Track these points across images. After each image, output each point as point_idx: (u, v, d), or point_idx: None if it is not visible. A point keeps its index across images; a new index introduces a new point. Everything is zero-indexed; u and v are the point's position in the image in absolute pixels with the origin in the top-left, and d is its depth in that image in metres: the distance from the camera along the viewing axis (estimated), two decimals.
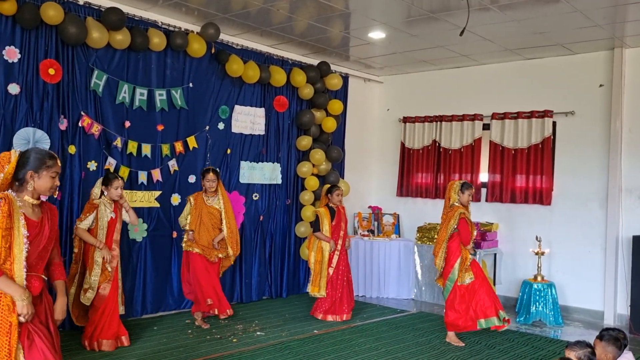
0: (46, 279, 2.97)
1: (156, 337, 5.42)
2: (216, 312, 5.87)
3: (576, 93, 7.17)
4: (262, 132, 7.30)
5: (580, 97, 7.14)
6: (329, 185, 6.67)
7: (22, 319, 2.70)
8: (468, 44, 6.92)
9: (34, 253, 2.82)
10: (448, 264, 5.58)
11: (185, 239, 5.89)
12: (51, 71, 5.28)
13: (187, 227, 5.87)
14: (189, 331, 5.68)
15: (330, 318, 6.36)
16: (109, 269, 4.95)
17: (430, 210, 8.21)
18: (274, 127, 7.45)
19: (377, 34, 6.74)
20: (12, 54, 5.10)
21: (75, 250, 5.04)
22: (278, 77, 7.17)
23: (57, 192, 3.91)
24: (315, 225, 6.44)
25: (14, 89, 5.11)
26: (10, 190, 2.78)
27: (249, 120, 7.13)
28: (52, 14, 5.11)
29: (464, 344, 5.51)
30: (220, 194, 5.93)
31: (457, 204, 5.57)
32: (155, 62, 6.15)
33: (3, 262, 2.69)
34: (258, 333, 5.74)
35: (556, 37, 6.55)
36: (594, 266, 6.92)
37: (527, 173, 7.40)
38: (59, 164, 2.93)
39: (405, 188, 8.58)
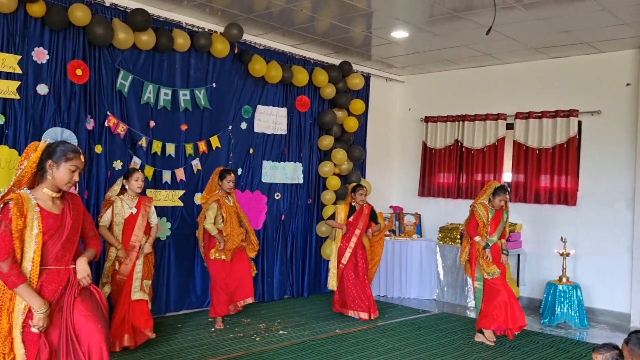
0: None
1: (180, 335, 5.48)
2: (241, 305, 5.86)
3: (602, 92, 7.06)
4: (284, 132, 7.32)
5: (607, 96, 7.03)
6: (354, 184, 6.70)
7: (35, 329, 2.72)
8: (492, 43, 6.86)
9: (56, 245, 2.82)
10: (472, 263, 5.62)
11: (216, 247, 5.69)
12: (78, 72, 5.36)
13: (216, 233, 5.69)
14: (212, 329, 5.73)
15: (351, 313, 6.39)
16: (116, 266, 4.96)
17: (452, 210, 8.16)
18: (296, 127, 7.47)
19: (399, 33, 6.72)
20: (41, 55, 5.20)
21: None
22: (300, 76, 7.19)
23: (75, 188, 3.94)
24: (330, 216, 6.59)
25: (42, 89, 5.20)
26: (25, 188, 2.80)
27: (271, 120, 7.16)
28: (80, 15, 5.19)
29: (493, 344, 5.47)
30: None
31: (484, 202, 5.63)
32: (179, 63, 6.21)
33: (20, 263, 2.72)
34: (280, 332, 5.76)
35: (582, 36, 6.46)
36: (621, 267, 6.81)
37: (551, 173, 7.31)
38: (82, 160, 2.89)
39: (427, 188, 8.54)
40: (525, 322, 5.50)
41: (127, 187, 5.06)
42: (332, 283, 6.52)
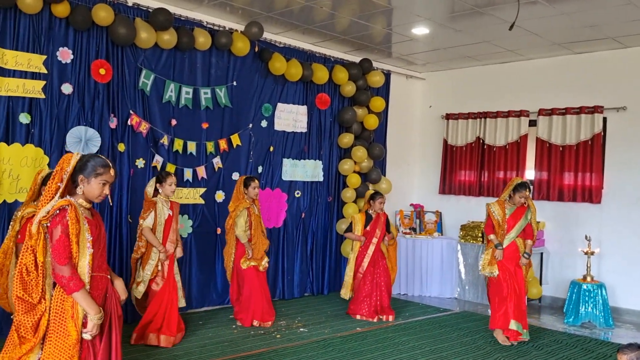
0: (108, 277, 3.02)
1: (202, 332, 5.53)
2: (266, 324, 5.84)
3: (628, 88, 6.92)
4: (304, 130, 7.33)
5: (632, 92, 6.89)
6: (372, 192, 6.62)
7: (87, 336, 2.75)
8: (514, 39, 6.77)
9: (98, 253, 2.87)
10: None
11: (245, 257, 5.70)
12: (102, 71, 5.43)
13: (246, 241, 5.71)
14: (233, 326, 5.76)
15: (358, 317, 6.32)
16: (159, 267, 5.03)
17: (473, 208, 8.08)
18: (316, 125, 7.47)
19: (420, 30, 6.67)
20: (65, 54, 5.28)
21: (141, 243, 5.05)
22: (320, 74, 7.19)
23: (111, 200, 3.97)
24: (347, 227, 6.51)
25: (67, 88, 5.29)
26: (68, 196, 2.84)
27: (291, 117, 7.18)
28: (103, 15, 5.26)
29: (509, 343, 5.42)
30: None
31: (503, 199, 5.58)
32: (200, 61, 6.26)
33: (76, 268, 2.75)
34: (301, 329, 5.77)
35: (607, 31, 6.34)
36: None
37: (575, 170, 7.20)
38: (112, 174, 2.90)
39: (448, 185, 8.47)
40: (506, 327, 5.42)
41: (160, 190, 5.08)
42: (346, 292, 6.48)
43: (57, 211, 2.73)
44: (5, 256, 3.87)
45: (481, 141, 8.11)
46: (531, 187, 7.58)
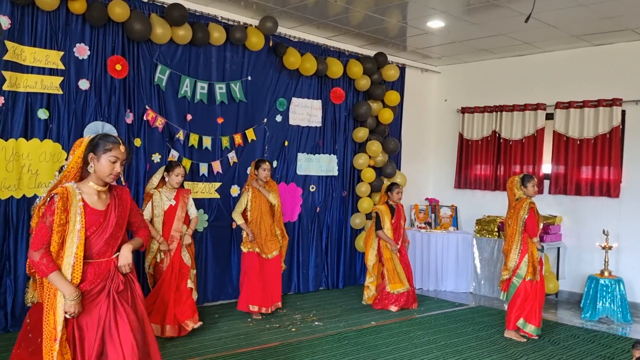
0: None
1: (217, 325, 5.57)
2: (263, 311, 5.86)
3: None
4: (319, 124, 7.33)
5: None
6: (389, 183, 6.63)
7: (67, 315, 2.78)
8: (531, 31, 6.69)
9: (99, 241, 2.88)
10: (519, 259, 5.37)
11: (245, 239, 5.81)
12: (118, 67, 5.49)
13: (242, 223, 5.78)
14: (249, 320, 5.80)
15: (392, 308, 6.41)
16: (157, 258, 5.06)
17: (489, 203, 8.03)
18: (331, 119, 7.47)
19: (435, 23, 6.63)
20: (82, 51, 5.34)
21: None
22: (335, 68, 7.18)
23: (123, 180, 4.00)
24: (377, 223, 6.41)
25: (84, 84, 5.35)
26: (73, 182, 2.86)
27: (306, 112, 7.18)
28: (119, 11, 5.31)
29: (525, 340, 5.39)
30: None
31: (524, 197, 5.36)
32: (215, 56, 6.28)
33: (56, 257, 2.79)
34: (316, 323, 5.80)
35: (626, 22, 6.24)
36: None
37: (593, 164, 7.11)
38: (122, 150, 2.89)
39: (464, 180, 8.42)
40: (510, 327, 5.40)
41: (167, 179, 5.16)
42: (368, 297, 6.54)
43: (49, 199, 2.80)
44: None
45: (497, 135, 8.05)
46: (546, 181, 7.53)
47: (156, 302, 4.99)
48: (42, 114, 5.14)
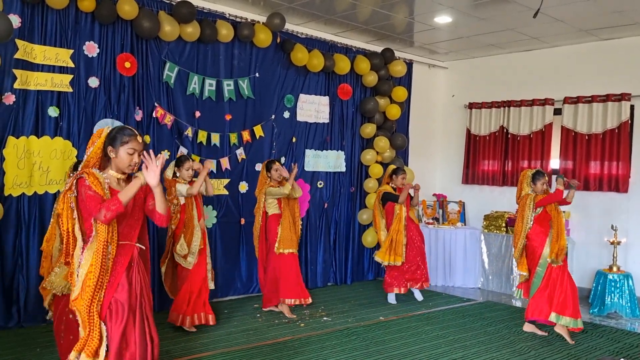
0: (143, 247, 3.08)
1: (227, 320, 5.62)
2: (302, 302, 5.91)
3: None
4: (327, 120, 7.35)
5: None
6: (394, 167, 6.67)
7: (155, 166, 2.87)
8: (539, 26, 6.67)
9: (122, 223, 2.96)
10: (534, 254, 5.27)
11: (278, 240, 5.75)
12: (127, 64, 5.52)
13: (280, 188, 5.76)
14: (258, 315, 5.85)
15: (409, 286, 6.52)
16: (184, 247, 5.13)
17: (497, 198, 8.03)
18: (338, 115, 7.48)
19: (443, 19, 6.62)
20: (91, 49, 5.38)
21: (173, 225, 5.16)
22: (342, 65, 7.19)
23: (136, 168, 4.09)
24: (391, 196, 6.40)
25: (93, 82, 5.39)
26: (94, 168, 2.95)
27: (313, 108, 7.20)
28: (128, 9, 5.34)
29: (546, 333, 5.37)
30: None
31: (530, 193, 5.31)
32: (223, 53, 6.31)
33: (88, 237, 2.86)
34: (325, 318, 5.83)
35: (635, 16, 6.21)
36: None
37: (601, 159, 7.09)
38: (139, 141, 2.99)
39: (471, 175, 8.42)
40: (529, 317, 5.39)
41: (178, 174, 5.21)
42: (402, 257, 6.42)
43: (75, 182, 2.88)
44: (48, 243, 4.03)
45: (505, 130, 8.04)
46: (554, 176, 7.50)
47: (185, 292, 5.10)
48: (53, 111, 5.18)
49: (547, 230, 5.25)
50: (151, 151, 2.95)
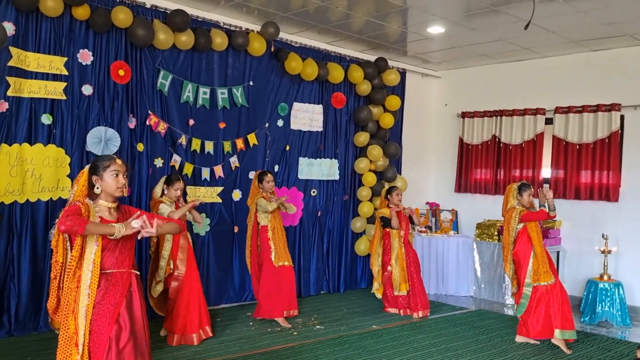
0: (137, 273, 3.11)
1: (219, 329, 5.60)
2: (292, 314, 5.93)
3: None
4: (320, 129, 7.38)
5: None
6: (387, 187, 6.68)
7: (143, 232, 2.89)
8: (531, 37, 6.74)
9: (114, 252, 2.99)
10: (521, 269, 5.30)
11: (274, 253, 5.76)
12: (121, 72, 5.53)
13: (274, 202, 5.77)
14: (251, 323, 5.84)
15: (408, 312, 6.41)
16: (170, 265, 5.10)
17: (489, 207, 8.07)
18: (332, 124, 7.51)
19: (436, 29, 6.68)
20: (85, 56, 5.38)
21: (152, 248, 5.25)
22: (336, 73, 7.22)
23: (126, 190, 4.08)
24: (386, 222, 6.37)
25: (87, 89, 5.39)
26: (88, 199, 3.00)
27: (307, 117, 7.23)
28: (122, 17, 5.35)
29: (538, 342, 5.39)
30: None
31: (516, 206, 5.33)
32: (217, 62, 6.33)
33: (76, 267, 2.90)
34: (317, 327, 5.83)
35: (626, 28, 6.29)
36: None
37: (592, 169, 7.15)
38: (119, 162, 3.04)
39: (464, 184, 8.47)
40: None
41: (166, 192, 5.18)
42: (377, 286, 6.50)
43: (68, 206, 2.93)
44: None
45: (497, 139, 8.10)
46: (545, 185, 7.57)
47: (181, 308, 5.04)
48: (46, 119, 5.18)
49: (528, 250, 5.29)
50: (147, 220, 2.94)
